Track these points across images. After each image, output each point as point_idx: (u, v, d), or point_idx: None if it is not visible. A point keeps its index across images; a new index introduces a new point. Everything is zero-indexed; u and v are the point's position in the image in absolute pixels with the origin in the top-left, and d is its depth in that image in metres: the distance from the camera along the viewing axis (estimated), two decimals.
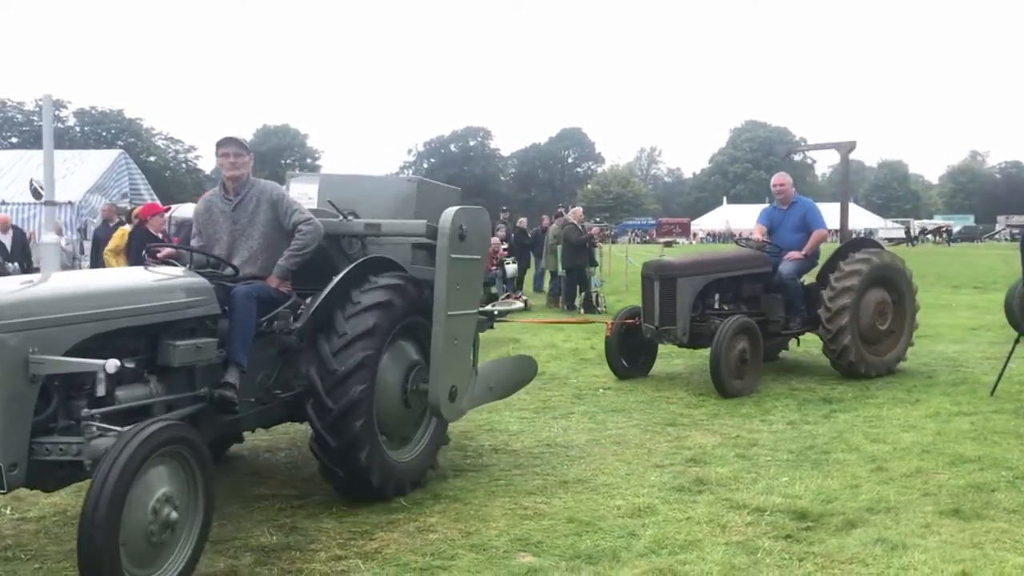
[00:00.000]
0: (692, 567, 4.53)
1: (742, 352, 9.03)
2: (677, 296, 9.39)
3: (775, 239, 10.26)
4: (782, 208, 10.42)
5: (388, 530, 5.17)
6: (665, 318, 9.47)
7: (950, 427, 7.58)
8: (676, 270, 9.56)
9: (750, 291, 9.98)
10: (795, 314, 9.99)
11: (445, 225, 5.35)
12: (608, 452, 6.95)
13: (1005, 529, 5.07)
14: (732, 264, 10.00)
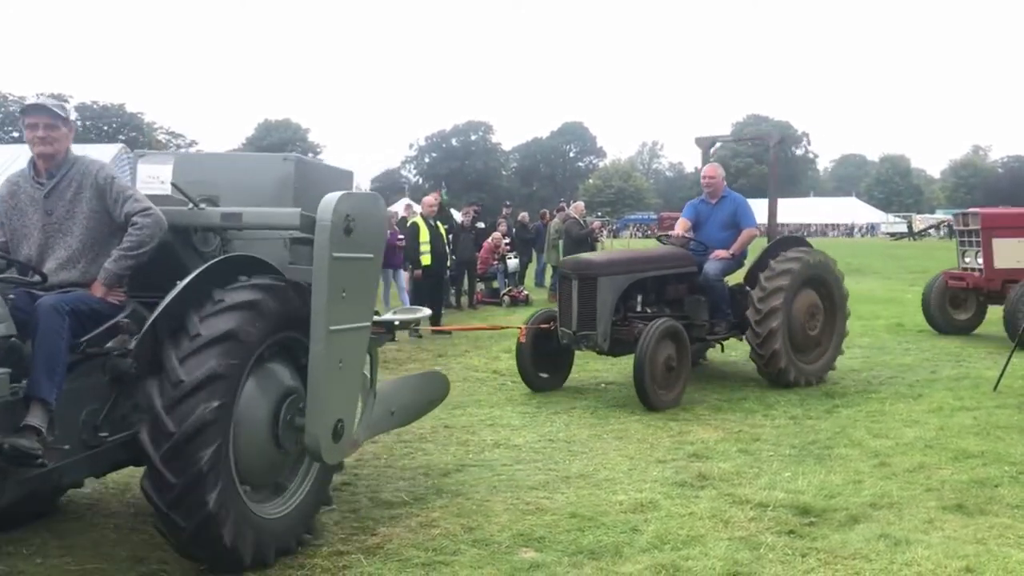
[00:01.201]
0: (695, 562, 4.53)
1: (668, 359, 8.22)
2: (598, 297, 8.50)
3: (701, 235, 9.50)
4: (710, 202, 9.61)
5: (390, 525, 5.16)
6: (584, 322, 8.57)
7: (953, 422, 7.56)
8: (597, 268, 8.65)
9: (675, 292, 9.22)
10: (720, 317, 9.27)
11: (325, 215, 4.24)
12: (610, 447, 6.94)
13: (1009, 524, 5.06)
14: (657, 262, 9.17)
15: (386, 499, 5.65)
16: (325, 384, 4.38)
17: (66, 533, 5.07)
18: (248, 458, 4.41)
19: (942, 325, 13.25)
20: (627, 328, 8.62)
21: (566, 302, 8.77)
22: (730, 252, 9.24)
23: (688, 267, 9.23)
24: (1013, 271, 12.33)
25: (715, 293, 9.15)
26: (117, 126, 76.70)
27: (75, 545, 4.87)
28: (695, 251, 9.37)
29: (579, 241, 17.59)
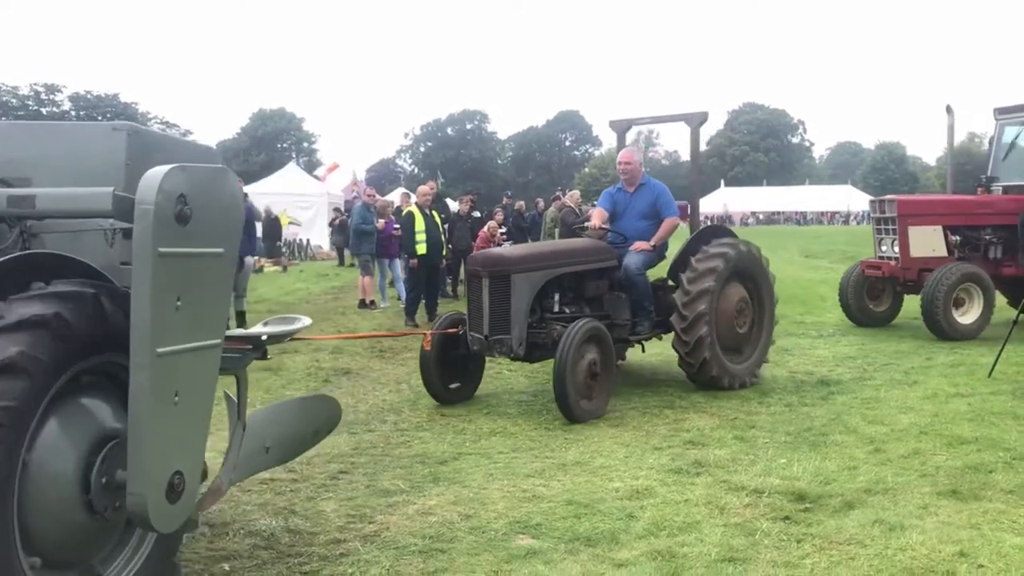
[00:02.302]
0: (691, 549, 4.55)
1: (591, 365, 7.44)
2: (512, 297, 7.62)
3: (619, 226, 8.76)
4: (628, 190, 8.86)
5: (387, 513, 5.18)
6: (497, 325, 7.66)
7: (948, 408, 7.59)
8: (510, 264, 7.75)
9: (594, 289, 8.43)
10: (643, 315, 8.50)
11: (147, 196, 3.13)
12: (606, 435, 6.96)
13: (1002, 510, 5.08)
14: (575, 256, 8.34)
15: (383, 487, 5.67)
16: (153, 425, 3.22)
17: None
18: (45, 528, 3.26)
19: (859, 317, 12.94)
20: (544, 331, 7.80)
21: (476, 303, 7.84)
22: (651, 243, 8.52)
23: (608, 261, 8.48)
24: (929, 259, 12.02)
25: (637, 289, 8.41)
26: (111, 116, 76.33)
27: None
28: (614, 243, 8.67)
29: (574, 230, 17.56)
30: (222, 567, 4.44)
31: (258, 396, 8.53)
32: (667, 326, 8.51)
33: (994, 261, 12.42)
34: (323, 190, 36.06)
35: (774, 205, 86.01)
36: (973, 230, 12.43)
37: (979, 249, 12.44)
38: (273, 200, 30.60)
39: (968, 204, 12.82)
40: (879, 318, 13.01)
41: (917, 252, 12.04)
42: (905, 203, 12.53)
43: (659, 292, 8.69)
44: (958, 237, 12.33)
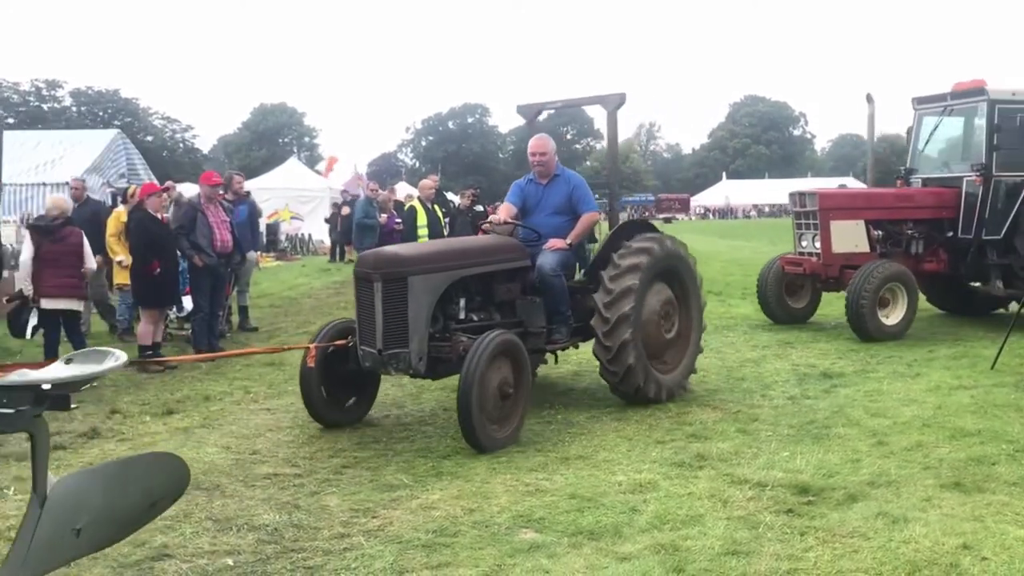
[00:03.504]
0: (694, 542, 4.55)
1: (503, 384, 6.46)
2: (409, 303, 6.53)
3: (530, 223, 7.77)
4: (540, 183, 7.90)
5: (391, 507, 5.18)
6: (392, 337, 6.54)
7: (951, 401, 7.59)
8: (407, 265, 6.65)
9: (505, 293, 7.41)
10: (560, 322, 7.51)
11: None
12: (609, 428, 6.96)
13: (1006, 502, 5.08)
14: (484, 256, 7.28)
15: (386, 482, 5.68)
16: None
17: None
18: None
19: (778, 314, 12.40)
20: (449, 344, 6.77)
21: (367, 311, 6.67)
22: (567, 241, 7.57)
23: (519, 261, 7.45)
24: (852, 255, 11.54)
25: (553, 292, 7.41)
26: (112, 112, 76.31)
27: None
28: (526, 241, 7.64)
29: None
30: (225, 562, 4.44)
31: (261, 391, 8.54)
32: (586, 333, 7.61)
33: (916, 257, 11.97)
34: (325, 185, 36.04)
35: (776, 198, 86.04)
36: (895, 224, 12.02)
37: (901, 245, 12.00)
38: (274, 195, 30.57)
39: (890, 197, 12.39)
40: (797, 315, 12.53)
41: (839, 248, 11.55)
42: (827, 196, 12.08)
43: (577, 295, 7.71)
44: (880, 232, 11.92)
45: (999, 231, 11.59)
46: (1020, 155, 11.58)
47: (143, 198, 9.97)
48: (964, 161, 12.36)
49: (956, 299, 13.13)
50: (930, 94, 12.76)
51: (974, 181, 11.58)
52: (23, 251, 8.50)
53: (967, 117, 12.42)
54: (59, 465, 6.15)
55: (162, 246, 9.68)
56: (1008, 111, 11.46)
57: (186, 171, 58.01)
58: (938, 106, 12.56)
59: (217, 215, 10.17)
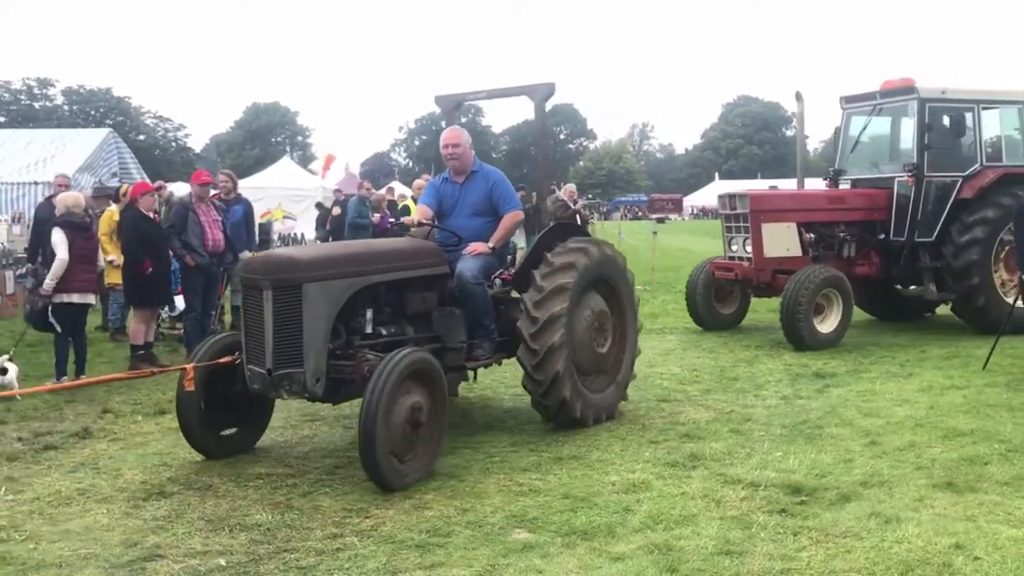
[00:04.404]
0: (687, 542, 4.55)
1: (414, 411, 5.57)
2: (305, 315, 5.64)
3: (449, 226, 7.01)
4: (456, 181, 7.10)
5: (384, 507, 5.17)
6: (284, 355, 5.64)
7: (943, 401, 7.61)
8: (302, 270, 5.75)
9: (419, 304, 6.54)
10: (482, 335, 6.72)
11: None
12: (602, 428, 6.96)
13: (998, 502, 5.10)
14: (395, 261, 6.38)
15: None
16: None
17: (59, 518, 5.07)
18: None
19: (707, 320, 12.01)
20: (352, 362, 5.89)
21: (255, 325, 5.78)
22: (490, 245, 6.83)
23: (436, 267, 6.64)
24: (784, 260, 11.10)
25: (474, 302, 6.63)
26: (104, 111, 76.18)
27: (69, 530, 4.87)
28: (444, 245, 6.90)
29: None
30: (218, 562, 4.43)
31: None
32: (511, 348, 6.83)
33: (848, 260, 11.62)
34: (317, 184, 36.01)
35: None
36: (827, 227, 11.63)
37: (833, 248, 11.65)
38: (267, 194, 30.50)
39: (822, 199, 11.97)
40: (726, 321, 12.17)
41: (771, 252, 11.07)
42: (758, 198, 11.50)
43: (501, 306, 7.03)
44: (812, 235, 11.56)
45: (931, 233, 11.29)
46: (950, 155, 11.40)
47: (135, 197, 9.94)
48: (893, 161, 12.11)
49: (885, 303, 12.79)
50: (858, 93, 12.43)
51: (906, 182, 11.30)
52: (59, 249, 8.55)
53: (896, 116, 12.15)
54: (51, 465, 6.14)
55: (154, 245, 9.66)
56: (938, 110, 11.21)
57: (178, 170, 57.98)
58: (867, 105, 12.24)
59: (208, 214, 10.14)
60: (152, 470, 5.99)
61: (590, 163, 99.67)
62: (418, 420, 5.60)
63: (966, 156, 11.53)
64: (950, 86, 11.52)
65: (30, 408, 7.70)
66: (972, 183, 11.16)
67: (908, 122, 11.80)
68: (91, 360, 9.33)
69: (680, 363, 9.68)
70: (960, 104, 11.35)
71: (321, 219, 26.22)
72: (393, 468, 5.45)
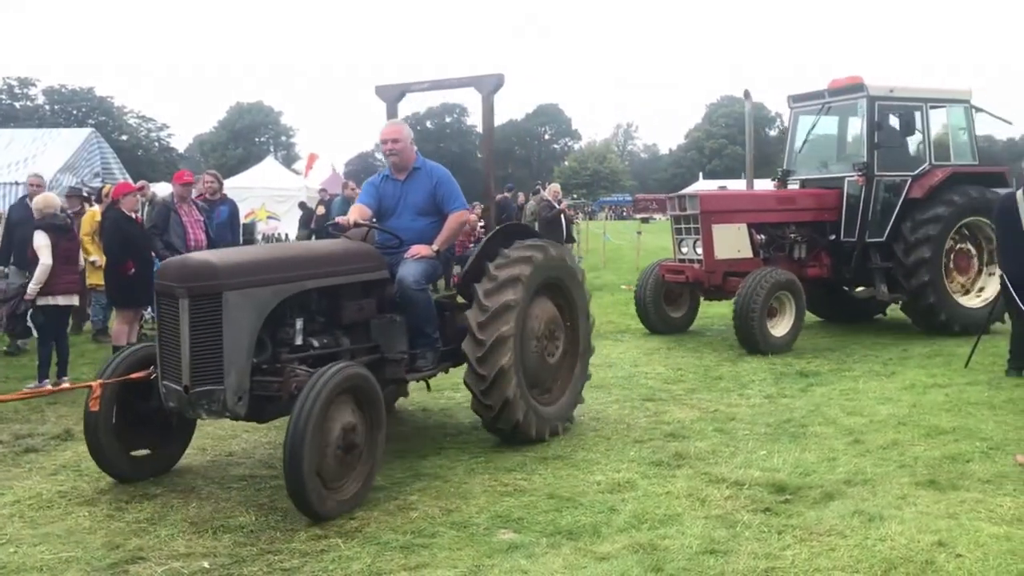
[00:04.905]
0: (672, 541, 4.56)
1: (348, 431, 5.08)
2: (225, 326, 5.11)
3: (389, 225, 6.55)
4: (398, 179, 6.62)
5: (368, 508, 5.15)
6: (202, 370, 5.12)
7: (925, 399, 7.66)
8: (221, 277, 5.18)
9: (355, 312, 6.02)
10: (425, 345, 6.26)
11: None
12: (587, 428, 6.96)
13: (980, 499, 5.13)
14: (328, 265, 5.84)
15: None
16: None
17: (40, 521, 5.03)
18: None
19: (657, 324, 11.69)
20: (279, 378, 5.35)
21: (170, 337, 5.26)
22: (433, 248, 6.36)
23: (375, 271, 6.15)
24: (735, 262, 10.88)
25: (416, 309, 6.19)
26: (86, 111, 75.64)
27: (50, 533, 4.83)
28: (384, 248, 6.44)
29: (550, 223, 17.60)
30: (201, 564, 4.40)
31: None
32: (457, 357, 6.44)
33: (799, 262, 11.44)
34: (301, 184, 35.87)
35: None
36: (777, 228, 11.38)
37: (784, 249, 11.42)
38: (251, 194, 30.34)
39: (772, 200, 11.73)
40: (676, 325, 11.91)
41: (722, 254, 10.85)
42: (708, 199, 11.30)
43: (446, 313, 6.64)
44: (763, 236, 11.25)
45: (882, 233, 11.19)
46: (899, 154, 11.35)
47: (117, 198, 9.87)
48: (842, 161, 12.00)
49: (833, 304, 12.60)
50: (806, 91, 12.25)
51: (856, 181, 11.18)
52: (43, 253, 8.47)
53: (845, 115, 12.02)
54: (31, 467, 6.09)
55: (136, 246, 9.59)
56: (887, 108, 11.19)
57: (161, 170, 57.62)
58: (815, 104, 12.06)
59: (191, 214, 10.08)
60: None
61: (575, 163, 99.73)
62: (352, 442, 5.11)
63: (914, 155, 11.52)
64: (898, 84, 11.44)
65: (10, 411, 7.64)
66: (921, 182, 11.13)
67: (856, 121, 11.65)
68: (74, 361, 9.26)
69: (664, 362, 9.69)
70: (908, 103, 11.30)
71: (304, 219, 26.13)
72: (323, 496, 4.92)
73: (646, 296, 11.70)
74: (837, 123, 12.27)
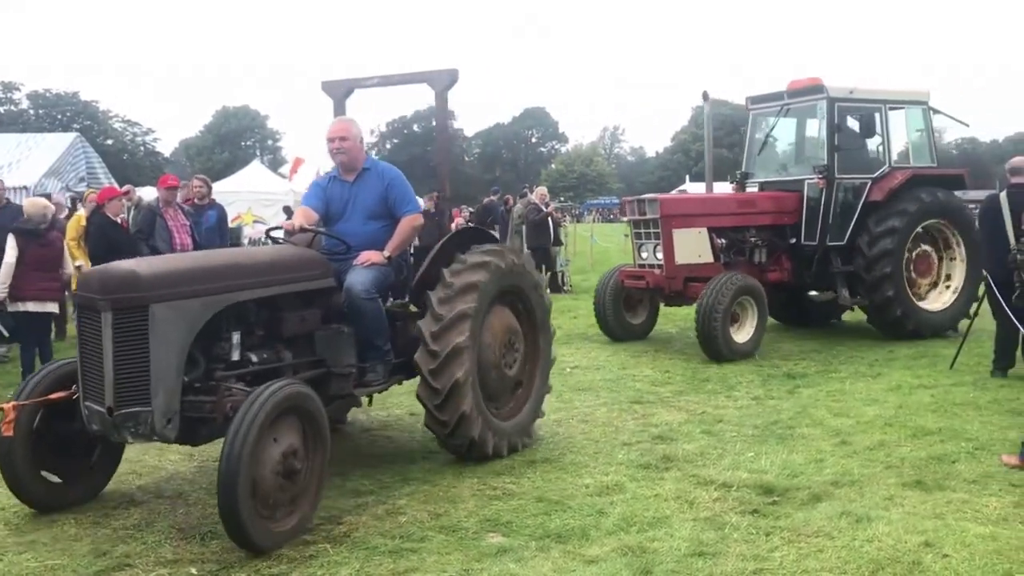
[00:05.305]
0: (661, 543, 4.56)
1: (289, 455, 4.67)
2: (152, 342, 4.65)
3: (337, 229, 6.09)
4: (347, 180, 6.20)
5: (356, 514, 5.14)
6: (127, 390, 4.65)
7: (911, 400, 7.70)
8: (148, 288, 4.70)
9: (298, 324, 5.58)
10: (375, 357, 5.87)
11: None
12: (576, 431, 6.97)
13: (966, 499, 5.17)
14: (267, 274, 5.38)
15: (352, 487, 5.63)
16: None
17: (25, 529, 4.99)
18: None
19: (616, 331, 11.40)
20: (213, 398, 4.88)
21: (92, 354, 4.79)
22: (385, 254, 5.93)
23: (320, 280, 5.71)
24: (696, 267, 10.64)
25: (365, 319, 5.75)
26: (71, 115, 75.28)
27: (36, 541, 4.80)
28: (331, 254, 5.97)
29: (538, 226, 17.60)
30: (189, 571, 4.38)
31: None
32: (409, 370, 6.06)
33: (759, 266, 11.18)
34: (287, 187, 35.78)
35: None
36: (738, 232, 11.14)
37: (744, 253, 11.17)
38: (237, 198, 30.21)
39: (732, 203, 11.50)
40: (636, 331, 11.62)
41: (683, 259, 10.60)
42: (669, 203, 10.94)
43: (397, 322, 6.26)
44: (723, 241, 11.01)
45: (842, 236, 11.04)
46: (858, 156, 11.20)
47: (102, 202, 9.82)
48: (801, 163, 11.81)
49: (790, 308, 12.32)
50: (765, 93, 12.03)
51: (816, 184, 10.96)
52: (7, 254, 8.41)
53: (804, 117, 11.84)
54: None
55: (122, 251, 9.52)
56: (846, 110, 11.02)
57: (147, 175, 57.36)
58: (774, 105, 11.85)
59: (176, 219, 10.04)
60: (121, 478, 5.90)
61: (562, 166, 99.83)
62: (292, 468, 4.70)
63: (874, 158, 11.31)
64: (858, 86, 11.23)
65: None
66: (882, 185, 11.01)
67: (815, 123, 11.48)
68: None
69: (652, 365, 9.71)
70: (868, 104, 11.12)
71: None
72: (261, 526, 4.54)
73: (605, 302, 11.40)
74: (796, 125, 12.12)
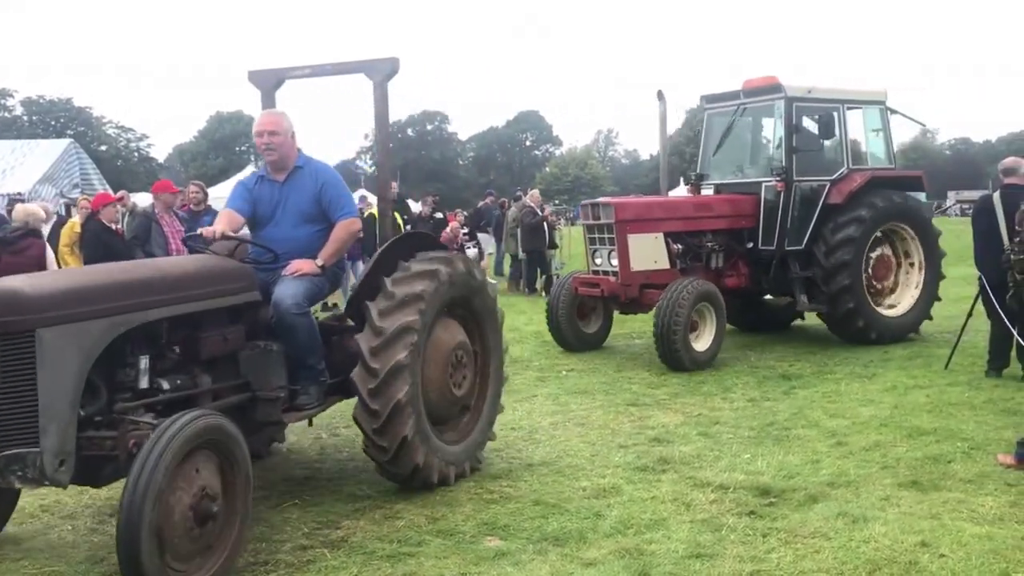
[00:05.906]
0: (658, 546, 4.57)
1: (203, 497, 4.07)
2: (40, 372, 3.93)
3: (265, 236, 5.53)
4: (276, 180, 5.57)
5: (354, 518, 5.14)
6: (10, 428, 3.93)
7: (907, 400, 7.72)
8: (34, 309, 3.96)
9: (218, 344, 4.92)
10: (308, 378, 5.30)
11: None
12: (572, 434, 6.98)
13: (962, 499, 5.18)
14: (180, 288, 4.69)
15: (349, 492, 5.63)
16: None
17: (22, 535, 4.99)
18: None
19: (571, 340, 10.92)
20: (115, 435, 4.19)
21: None
22: (317, 263, 5.35)
23: (244, 293, 5.07)
24: (651, 273, 10.26)
25: (296, 336, 5.17)
26: (65, 121, 75.17)
27: (32, 548, 4.80)
28: (257, 263, 5.40)
29: (534, 229, 17.61)
30: None
31: None
32: (347, 390, 5.48)
33: (716, 272, 10.82)
34: None
35: None
36: (694, 236, 10.76)
37: (701, 259, 10.80)
38: None
39: (689, 207, 11.13)
40: (590, 341, 11.11)
41: (638, 265, 10.18)
42: (624, 207, 10.46)
43: (333, 337, 5.74)
44: (679, 246, 10.64)
45: (800, 240, 10.68)
46: (816, 158, 10.86)
47: (97, 208, 9.81)
48: (757, 165, 11.52)
49: (751, 315, 12.04)
50: (720, 92, 11.64)
51: (775, 187, 10.59)
52: None
53: (760, 117, 11.51)
54: None
55: (117, 257, 9.53)
56: (804, 110, 10.67)
57: (141, 180, 57.27)
58: (730, 105, 11.43)
59: (172, 225, 10.04)
60: (118, 485, 5.88)
61: (556, 169, 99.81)
62: (207, 511, 4.07)
63: (832, 159, 10.98)
64: (816, 85, 10.92)
65: None
66: (840, 187, 10.70)
67: (772, 123, 11.20)
68: None
69: (648, 367, 9.72)
70: (826, 104, 10.78)
71: None
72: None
73: (558, 311, 10.89)
74: (752, 125, 11.78)
